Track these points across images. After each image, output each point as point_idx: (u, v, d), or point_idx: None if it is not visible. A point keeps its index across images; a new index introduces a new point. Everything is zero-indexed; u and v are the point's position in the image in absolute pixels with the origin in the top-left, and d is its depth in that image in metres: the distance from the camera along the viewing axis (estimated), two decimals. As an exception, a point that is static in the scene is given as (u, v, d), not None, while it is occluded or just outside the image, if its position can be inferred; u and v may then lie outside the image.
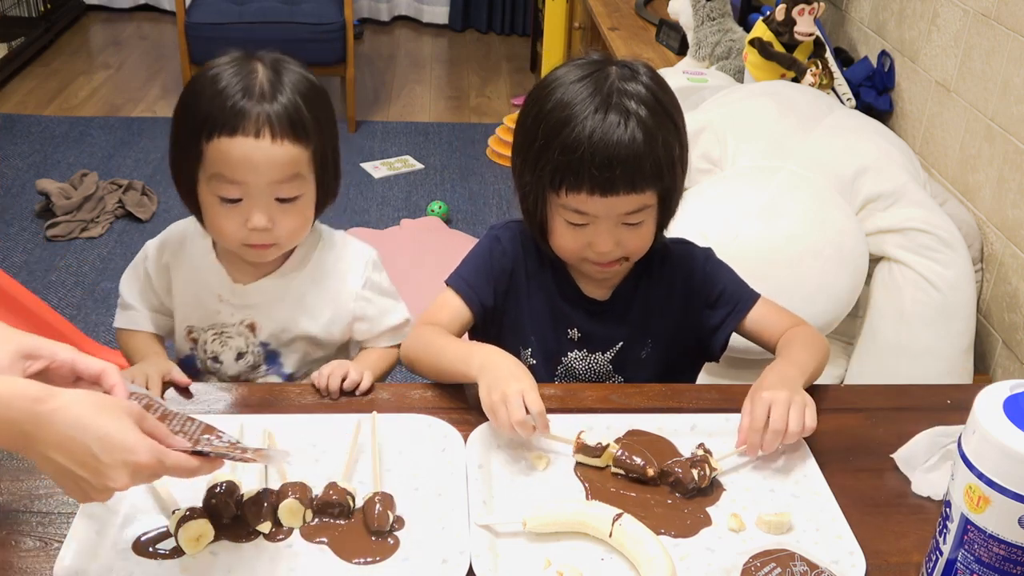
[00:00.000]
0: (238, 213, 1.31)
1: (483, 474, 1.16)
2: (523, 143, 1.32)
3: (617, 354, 1.42)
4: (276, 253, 1.38)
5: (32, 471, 1.14)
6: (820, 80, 2.55)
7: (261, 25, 4.10)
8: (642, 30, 3.46)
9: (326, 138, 1.35)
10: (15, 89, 4.59)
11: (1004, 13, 2.09)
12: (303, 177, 1.32)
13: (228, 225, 1.32)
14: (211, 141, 1.27)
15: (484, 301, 1.40)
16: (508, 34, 5.77)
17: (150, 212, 3.52)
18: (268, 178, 1.29)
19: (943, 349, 1.98)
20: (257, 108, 1.27)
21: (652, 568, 1.01)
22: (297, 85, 1.32)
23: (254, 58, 1.32)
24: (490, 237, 1.44)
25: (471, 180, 3.95)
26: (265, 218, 1.30)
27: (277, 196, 1.31)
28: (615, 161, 1.22)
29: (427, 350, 1.33)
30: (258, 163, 1.27)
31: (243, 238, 1.32)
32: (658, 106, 1.26)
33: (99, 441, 0.88)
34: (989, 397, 0.92)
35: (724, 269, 1.45)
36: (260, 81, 1.29)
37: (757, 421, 1.17)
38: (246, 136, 1.26)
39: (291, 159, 1.29)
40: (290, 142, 1.28)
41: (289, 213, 1.33)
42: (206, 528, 1.05)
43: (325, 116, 1.35)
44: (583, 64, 1.30)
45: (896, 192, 2.06)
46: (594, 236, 1.29)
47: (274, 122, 1.27)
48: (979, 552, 0.92)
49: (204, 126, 1.27)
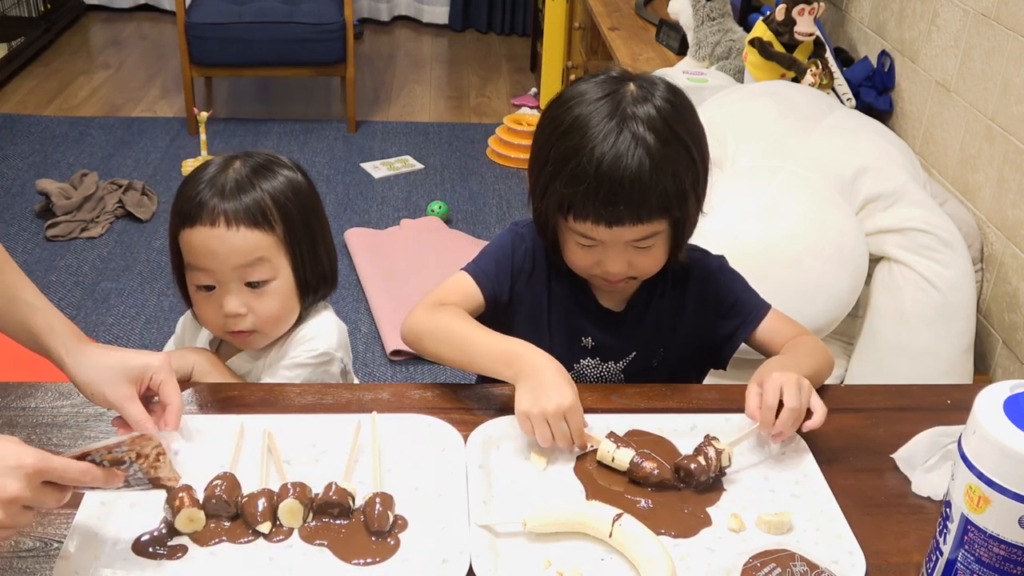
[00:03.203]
0: (214, 300, 1.36)
1: (483, 474, 1.16)
2: (534, 165, 1.31)
3: (630, 364, 1.42)
4: (261, 341, 1.40)
5: (32, 471, 1.14)
6: (820, 80, 2.55)
7: (261, 25, 4.10)
8: (642, 30, 3.46)
9: (299, 229, 1.37)
10: (15, 89, 4.59)
11: (1004, 13, 2.09)
12: (269, 262, 1.35)
13: (208, 312, 1.37)
14: (180, 233, 1.34)
15: (499, 294, 1.38)
16: (508, 34, 5.77)
17: (150, 212, 3.52)
18: (230, 263, 1.33)
19: (943, 349, 1.98)
20: (214, 201, 1.32)
21: (652, 568, 1.01)
22: (272, 183, 1.36)
23: (237, 157, 1.38)
24: (513, 233, 1.42)
25: (471, 180, 3.95)
26: (237, 303, 1.34)
27: (246, 281, 1.34)
28: (619, 196, 1.21)
29: (450, 334, 1.30)
30: (216, 249, 1.32)
31: (223, 325, 1.37)
32: (669, 133, 1.23)
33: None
34: (989, 397, 0.92)
35: (737, 279, 1.44)
36: (230, 178, 1.34)
37: (770, 398, 1.17)
38: (203, 225, 1.32)
39: (252, 245, 1.33)
40: (246, 228, 1.32)
41: (262, 298, 1.35)
42: (198, 515, 1.06)
43: (301, 207, 1.37)
44: (602, 82, 1.27)
45: (896, 192, 2.06)
46: (604, 256, 1.28)
47: (228, 213, 1.32)
48: (979, 552, 0.92)
49: (176, 219, 1.35)
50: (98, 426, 1.22)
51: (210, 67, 4.21)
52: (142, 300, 3.06)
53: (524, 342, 1.25)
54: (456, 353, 1.29)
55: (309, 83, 4.84)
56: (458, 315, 1.32)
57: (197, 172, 1.37)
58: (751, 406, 1.20)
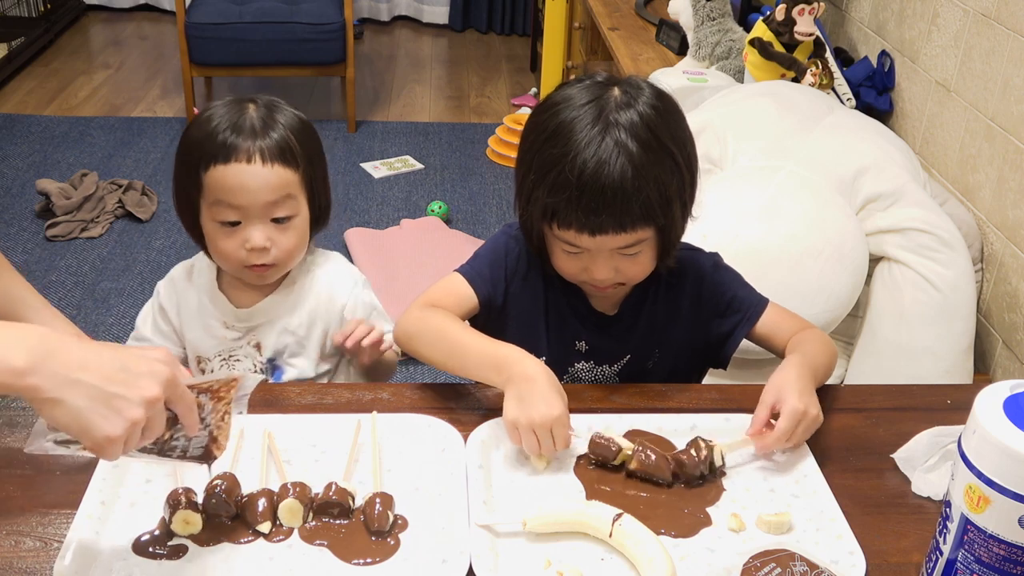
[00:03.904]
0: (238, 235, 1.39)
1: (483, 474, 1.16)
2: (519, 171, 1.30)
3: (624, 366, 1.42)
4: (276, 274, 1.46)
5: (32, 471, 1.14)
6: (820, 80, 2.55)
7: (261, 25, 4.10)
8: (642, 30, 3.46)
9: (315, 166, 1.44)
10: (15, 89, 4.59)
11: (1004, 13, 2.09)
12: (295, 198, 1.41)
13: (229, 247, 1.40)
14: (208, 171, 1.37)
15: (493, 296, 1.38)
16: (508, 34, 5.77)
17: (150, 212, 3.52)
18: (262, 199, 1.37)
19: (943, 349, 1.98)
20: (248, 141, 1.37)
21: (652, 568, 1.01)
22: (288, 122, 1.42)
23: (247, 100, 1.42)
24: (508, 235, 1.41)
25: (471, 180, 3.95)
26: (263, 237, 1.39)
27: (273, 216, 1.39)
28: (601, 205, 1.19)
29: (440, 336, 1.30)
30: (251, 186, 1.36)
31: (243, 259, 1.40)
32: (653, 139, 1.21)
33: (123, 357, 0.88)
34: (989, 397, 0.92)
35: (732, 275, 1.43)
36: (251, 119, 1.39)
37: (784, 432, 1.18)
38: (239, 162, 1.36)
39: (283, 181, 1.38)
40: (280, 166, 1.38)
41: (286, 232, 1.41)
42: (194, 517, 1.06)
43: (313, 147, 1.44)
44: (588, 87, 1.25)
45: (896, 192, 2.06)
46: (590, 263, 1.27)
47: (264, 150, 1.37)
48: (979, 552, 0.92)
49: (201, 159, 1.37)
50: (98, 426, 1.22)
51: (210, 67, 4.21)
52: (142, 300, 3.03)
53: (515, 347, 1.25)
54: (446, 356, 1.29)
55: (309, 83, 4.84)
56: (449, 318, 1.32)
57: (207, 116, 1.40)
58: (755, 426, 1.20)
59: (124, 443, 0.88)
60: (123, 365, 0.88)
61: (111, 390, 0.86)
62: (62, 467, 1.15)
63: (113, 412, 0.87)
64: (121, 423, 0.87)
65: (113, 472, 1.12)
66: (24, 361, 0.83)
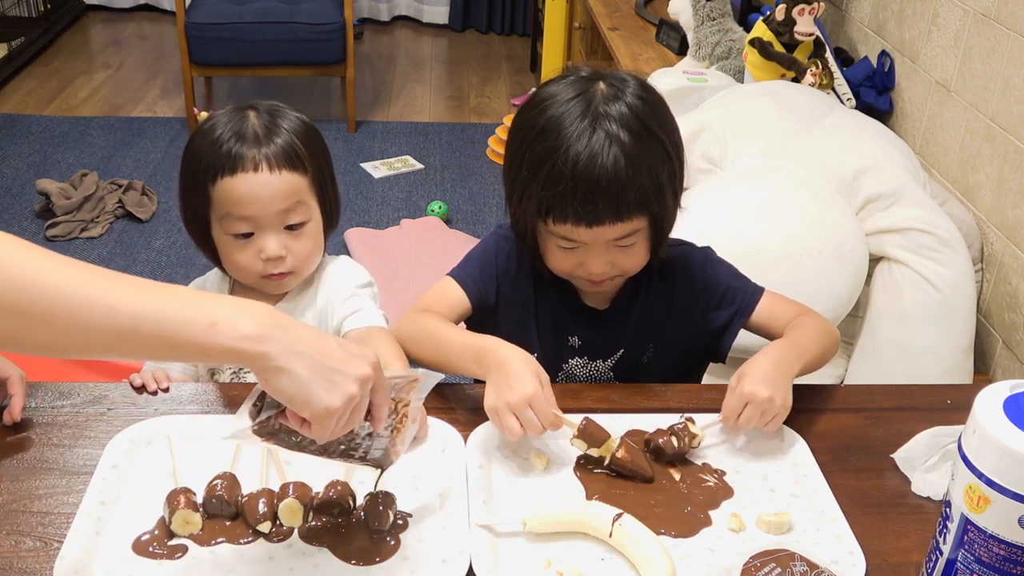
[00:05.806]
0: (252, 246, 1.37)
1: (483, 474, 1.16)
2: (509, 170, 1.31)
3: (618, 361, 1.42)
4: (295, 281, 1.43)
5: (32, 471, 1.14)
6: (820, 80, 2.55)
7: (261, 25, 4.10)
8: (642, 30, 3.46)
9: (323, 169, 1.42)
10: (15, 89, 4.59)
11: (1004, 13, 2.09)
12: (307, 204, 1.39)
13: (244, 259, 1.38)
14: (216, 183, 1.34)
15: (485, 297, 1.39)
16: (508, 34, 5.77)
17: (150, 212, 3.52)
18: (274, 208, 1.35)
19: (943, 349, 1.98)
20: (253, 149, 1.34)
21: (652, 568, 1.01)
22: (292, 126, 1.39)
23: (247, 108, 1.40)
24: (498, 236, 1.42)
25: (471, 180, 3.95)
26: (278, 246, 1.36)
27: (286, 224, 1.37)
28: (597, 194, 1.20)
29: (428, 336, 1.32)
30: (262, 195, 1.34)
31: (260, 270, 1.38)
32: (643, 129, 1.22)
33: (337, 341, 0.93)
34: (989, 397, 0.92)
35: (724, 267, 1.44)
36: (254, 126, 1.36)
37: (730, 412, 1.20)
38: (246, 172, 1.33)
39: (292, 187, 1.36)
40: (288, 171, 1.35)
41: (300, 239, 1.39)
42: (194, 518, 1.06)
43: (319, 149, 1.42)
44: (572, 82, 1.27)
45: (896, 192, 2.06)
46: (586, 258, 1.28)
47: (271, 157, 1.35)
48: (979, 552, 0.92)
49: (208, 172, 1.35)
50: (98, 426, 1.22)
51: (210, 67, 4.21)
52: (142, 300, 3.05)
53: (494, 338, 1.26)
54: (433, 355, 1.31)
55: (309, 83, 4.84)
56: (436, 319, 1.34)
57: (209, 128, 1.37)
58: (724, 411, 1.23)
59: (337, 419, 0.91)
60: (339, 344, 0.92)
61: (331, 364, 0.90)
62: (62, 467, 1.15)
63: (333, 385, 0.90)
64: (340, 396, 0.90)
65: (113, 472, 1.13)
66: (256, 329, 0.87)
